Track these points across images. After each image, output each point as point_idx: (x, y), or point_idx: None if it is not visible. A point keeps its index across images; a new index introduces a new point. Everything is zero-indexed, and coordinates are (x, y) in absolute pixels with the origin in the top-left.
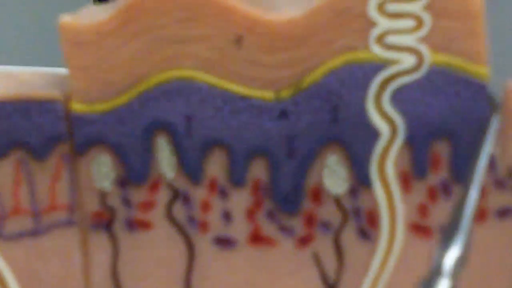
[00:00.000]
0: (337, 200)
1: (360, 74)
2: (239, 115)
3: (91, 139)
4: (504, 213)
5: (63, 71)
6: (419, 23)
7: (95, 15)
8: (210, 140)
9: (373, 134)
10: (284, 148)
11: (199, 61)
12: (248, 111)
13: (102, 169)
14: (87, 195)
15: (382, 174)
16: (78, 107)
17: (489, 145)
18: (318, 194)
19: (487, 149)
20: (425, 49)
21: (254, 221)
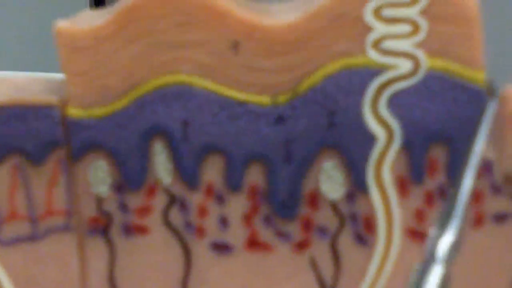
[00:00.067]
0: (333, 205)
1: (356, 79)
2: (236, 120)
3: (87, 144)
4: (500, 218)
5: (59, 76)
6: (416, 28)
7: (92, 20)
8: (207, 145)
9: (370, 139)
10: (281, 153)
11: (196, 66)
12: (245, 116)
13: (98, 174)
14: (84, 200)
15: (378, 179)
16: (74, 112)
17: (485, 130)
18: (314, 199)
19: (483, 134)
20: (421, 54)
21: (251, 226)
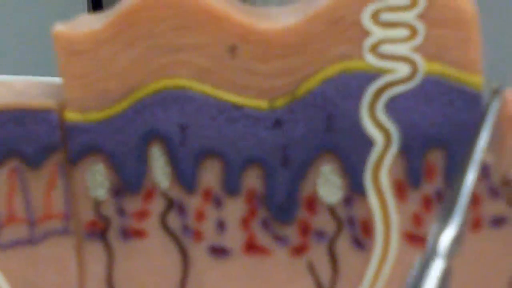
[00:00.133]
0: (331, 209)
1: (354, 83)
2: (234, 124)
3: (86, 148)
4: (498, 222)
5: (57, 80)
6: (413, 32)
7: (90, 23)
8: (204, 149)
9: (368, 143)
10: (278, 157)
11: (194, 70)
12: (243, 120)
13: (96, 178)
14: (82, 204)
15: (376, 183)
16: (72, 116)
17: (489, 126)
18: (312, 203)
19: (487, 130)
20: (419, 58)
21: (248, 230)
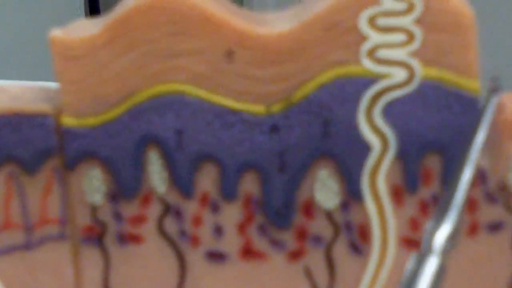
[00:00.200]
0: (328, 214)
1: (351, 88)
2: (230, 129)
3: (82, 153)
4: (495, 227)
5: (53, 85)
6: (410, 37)
7: (86, 28)
8: (201, 154)
9: (365, 148)
10: (275, 162)
11: (190, 75)
12: (239, 125)
13: (93, 183)
14: (78, 209)
15: (373, 188)
16: (68, 121)
17: (486, 124)
18: (309, 208)
19: (484, 128)
20: (416, 63)
21: (245, 235)
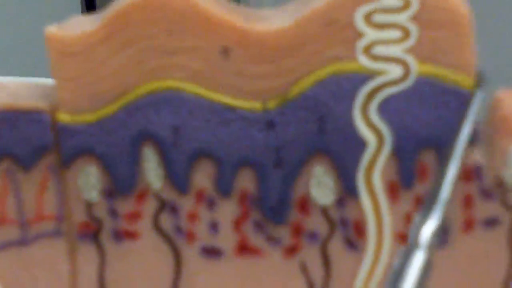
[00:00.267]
0: (324, 210)
1: (347, 84)
2: (227, 126)
3: (78, 150)
4: (491, 223)
5: (50, 81)
6: (406, 33)
7: (82, 25)
8: (197, 150)
9: (360, 144)
10: (271, 158)
11: (186, 72)
12: (235, 122)
13: (89, 180)
14: (74, 206)
15: (369, 184)
16: (64, 117)
17: (471, 119)
18: (305, 204)
19: (469, 122)
20: (411, 60)
21: (241, 231)
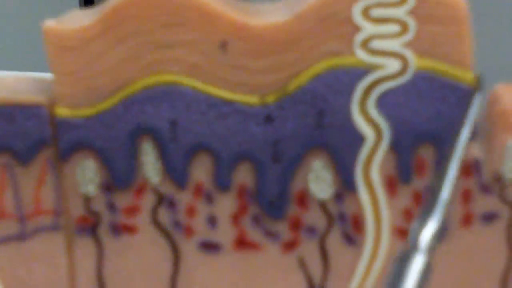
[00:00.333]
0: (322, 204)
1: (345, 79)
2: (225, 120)
3: (75, 144)
4: (489, 217)
5: (48, 75)
6: (404, 28)
7: (80, 19)
8: (195, 144)
9: (358, 139)
10: (269, 153)
11: (184, 66)
12: (233, 116)
13: (86, 174)
14: (72, 200)
15: (367, 178)
16: (62, 112)
17: (471, 120)
18: (303, 199)
19: (469, 124)
20: (409, 54)
21: (239, 225)
